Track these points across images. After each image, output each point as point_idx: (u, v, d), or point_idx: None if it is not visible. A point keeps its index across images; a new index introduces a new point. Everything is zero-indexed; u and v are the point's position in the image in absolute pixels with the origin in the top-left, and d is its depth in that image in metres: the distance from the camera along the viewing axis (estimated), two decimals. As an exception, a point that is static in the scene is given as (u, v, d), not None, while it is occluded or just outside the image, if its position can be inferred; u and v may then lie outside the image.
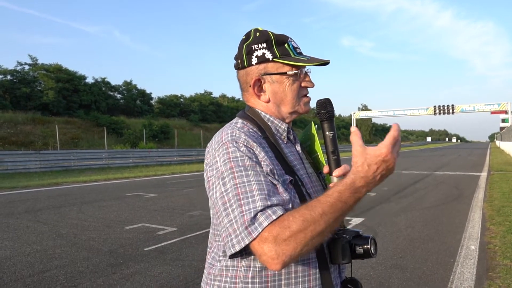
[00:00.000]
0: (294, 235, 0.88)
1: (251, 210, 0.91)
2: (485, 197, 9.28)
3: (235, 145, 1.01)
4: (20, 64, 34.76)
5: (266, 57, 1.11)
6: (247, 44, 1.13)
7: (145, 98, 46.25)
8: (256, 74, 1.13)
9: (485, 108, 54.79)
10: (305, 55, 1.14)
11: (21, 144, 25.81)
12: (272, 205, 0.92)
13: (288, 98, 1.13)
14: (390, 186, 11.73)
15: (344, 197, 0.92)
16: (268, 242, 0.89)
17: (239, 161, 0.98)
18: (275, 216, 0.90)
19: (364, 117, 73.36)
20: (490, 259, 4.58)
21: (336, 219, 0.92)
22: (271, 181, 0.97)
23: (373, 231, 6.03)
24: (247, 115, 1.16)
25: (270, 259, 0.89)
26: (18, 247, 5.30)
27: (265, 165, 1.00)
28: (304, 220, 0.89)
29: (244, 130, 1.07)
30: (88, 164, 20.92)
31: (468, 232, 5.94)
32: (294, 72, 1.11)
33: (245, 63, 1.14)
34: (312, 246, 0.92)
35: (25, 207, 8.48)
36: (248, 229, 0.90)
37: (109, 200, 9.53)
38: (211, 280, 1.08)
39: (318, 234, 0.90)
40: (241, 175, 0.96)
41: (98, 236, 5.88)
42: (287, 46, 1.11)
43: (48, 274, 4.21)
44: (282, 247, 0.88)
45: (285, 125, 1.16)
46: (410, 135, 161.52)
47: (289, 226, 0.89)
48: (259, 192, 0.93)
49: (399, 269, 4.32)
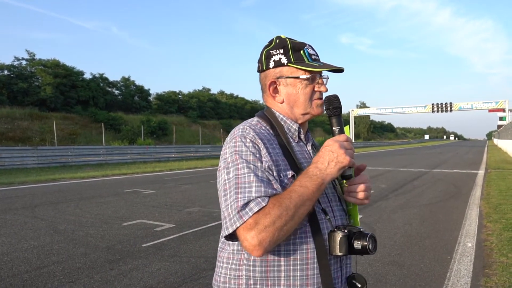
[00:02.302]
0: (273, 221, 0.99)
1: (245, 198, 1.03)
2: (482, 194, 9.32)
3: (243, 140, 1.13)
4: (18, 59, 34.68)
5: (282, 61, 1.22)
6: (267, 49, 1.25)
7: (143, 94, 46.15)
8: (272, 77, 1.24)
9: (483, 106, 54.91)
10: (321, 62, 1.24)
11: (18, 140, 25.75)
12: (265, 196, 1.03)
13: (301, 100, 1.23)
14: (388, 183, 11.76)
15: (303, 182, 1.06)
16: (252, 229, 0.99)
17: (244, 154, 1.10)
18: (264, 203, 1.01)
19: (363, 114, 73.39)
20: (487, 256, 4.60)
21: (302, 203, 1.04)
22: (267, 176, 1.08)
23: (370, 228, 6.05)
24: (264, 114, 1.27)
25: (252, 246, 1.00)
26: (15, 243, 5.29)
27: (265, 161, 1.10)
28: (279, 206, 1.01)
29: (256, 127, 1.18)
30: (86, 160, 20.87)
31: (465, 229, 5.96)
32: (306, 77, 1.20)
33: (264, 66, 1.25)
34: (287, 231, 1.03)
35: (22, 203, 8.47)
36: (240, 213, 1.01)
37: (107, 196, 9.52)
38: (221, 263, 1.18)
39: (291, 218, 1.02)
40: (243, 167, 1.08)
41: (95, 232, 5.87)
42: (302, 52, 1.22)
43: (45, 270, 4.20)
44: (263, 234, 0.99)
45: (297, 125, 1.26)
46: (408, 132, 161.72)
47: (269, 212, 1.01)
48: (256, 184, 1.04)
49: (396, 266, 4.33)
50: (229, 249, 1.16)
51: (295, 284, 1.10)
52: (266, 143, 1.14)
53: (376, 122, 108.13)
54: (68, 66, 37.32)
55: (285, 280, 1.10)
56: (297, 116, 1.25)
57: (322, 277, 1.12)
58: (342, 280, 1.19)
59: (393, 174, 14.83)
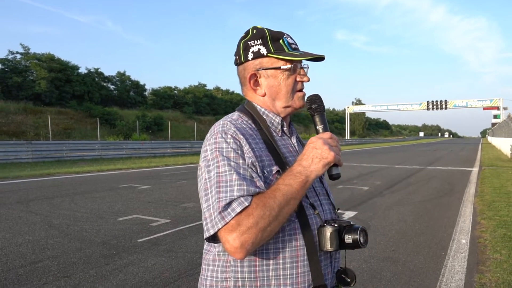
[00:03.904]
0: (256, 222, 0.96)
1: (227, 197, 0.98)
2: (476, 192, 9.38)
3: (223, 136, 1.08)
4: (12, 53, 34.34)
5: (261, 52, 1.16)
6: (245, 41, 1.19)
7: (138, 89, 45.92)
8: (252, 69, 1.18)
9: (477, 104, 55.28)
10: (301, 51, 1.19)
11: (12, 134, 25.55)
12: (248, 195, 0.99)
13: (283, 92, 1.18)
14: (383, 180, 11.81)
15: (287, 181, 1.02)
16: (234, 231, 0.96)
17: (224, 151, 1.06)
18: (247, 203, 0.98)
19: (358, 111, 73.61)
20: (481, 253, 4.64)
21: (286, 202, 1.00)
22: (250, 173, 1.04)
23: (365, 224, 6.07)
24: (244, 108, 1.22)
25: (233, 248, 0.96)
26: (10, 238, 5.26)
27: (248, 157, 1.07)
28: (262, 206, 0.98)
29: (238, 122, 1.14)
30: (80, 155, 20.76)
31: (459, 226, 6.00)
32: (288, 67, 1.16)
33: (242, 58, 1.19)
34: (271, 232, 1.00)
35: (17, 198, 8.42)
36: (222, 214, 0.97)
37: (102, 191, 9.49)
38: (207, 265, 1.14)
39: (274, 218, 0.99)
40: (224, 165, 1.04)
41: (91, 227, 5.85)
42: (281, 42, 1.16)
43: (40, 265, 4.19)
44: (245, 236, 0.95)
45: (279, 119, 1.21)
46: (403, 129, 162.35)
47: (252, 212, 0.97)
48: (237, 183, 1.00)
49: (391, 262, 4.36)
50: (214, 250, 1.12)
51: (285, 283, 1.07)
52: (249, 138, 1.10)
53: (372, 119, 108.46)
54: (63, 61, 37.02)
55: (275, 280, 1.07)
56: (278, 109, 1.21)
57: (312, 274, 1.08)
58: (331, 276, 1.17)
59: (388, 171, 14.89)
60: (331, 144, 1.08)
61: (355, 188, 10.15)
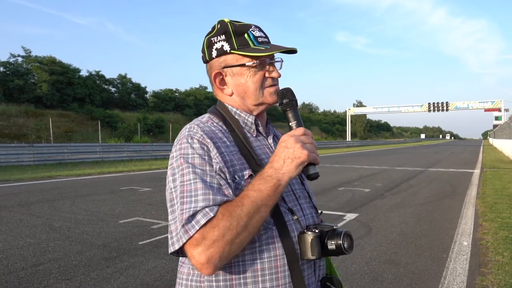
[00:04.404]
0: (222, 234, 0.89)
1: (191, 209, 0.91)
2: (478, 194, 9.35)
3: (189, 141, 1.01)
4: (13, 56, 34.45)
5: (224, 49, 1.08)
6: (208, 37, 1.11)
7: (139, 92, 46.01)
8: (217, 68, 1.11)
9: (479, 105, 55.22)
10: (271, 44, 1.10)
11: (14, 137, 25.60)
12: (214, 205, 0.92)
13: (251, 90, 1.09)
14: (384, 182, 11.80)
15: (256, 186, 0.94)
16: (199, 245, 0.89)
17: (190, 158, 0.99)
18: (213, 213, 0.91)
19: (359, 113, 73.55)
20: (483, 255, 4.62)
21: (256, 209, 0.92)
22: (218, 181, 0.97)
23: (366, 227, 6.06)
24: (216, 109, 1.15)
25: (199, 264, 0.89)
26: (11, 240, 5.26)
27: (215, 163, 0.99)
28: (229, 216, 0.90)
29: (206, 125, 1.07)
30: (82, 157, 20.78)
31: (461, 228, 5.98)
32: (253, 63, 1.07)
33: (207, 56, 1.12)
34: (241, 243, 0.92)
35: (18, 200, 8.42)
36: (185, 227, 0.90)
37: (103, 193, 9.49)
38: (180, 279, 1.07)
39: (243, 228, 0.91)
40: (189, 172, 0.97)
41: (92, 229, 5.85)
42: (246, 36, 1.07)
43: (41, 268, 4.19)
44: (211, 250, 0.88)
45: (253, 118, 1.13)
46: (404, 131, 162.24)
47: (217, 224, 0.90)
48: (203, 192, 0.93)
49: (392, 264, 4.34)
50: (189, 263, 1.03)
51: None
52: (218, 142, 1.03)
53: (373, 121, 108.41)
54: (64, 63, 37.12)
55: None
56: (250, 107, 1.12)
57: (294, 286, 1.00)
58: (316, 285, 1.08)
59: (389, 173, 14.87)
60: (305, 141, 0.98)
61: (356, 190, 10.13)
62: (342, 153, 33.18)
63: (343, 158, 25.06)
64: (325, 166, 18.10)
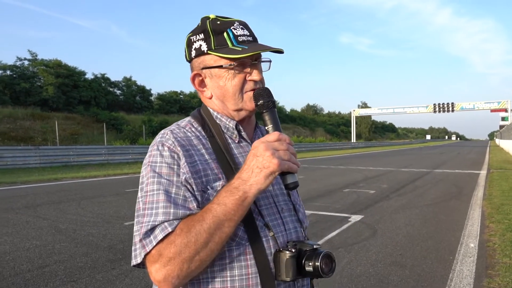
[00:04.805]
0: (179, 251, 0.84)
1: (150, 223, 0.87)
2: (484, 195, 9.29)
3: (159, 148, 0.96)
4: (20, 59, 34.76)
5: (202, 49, 1.01)
6: (189, 36, 1.04)
7: (144, 94, 46.22)
8: (197, 68, 1.04)
9: (485, 106, 54.87)
10: (255, 43, 1.01)
11: (20, 140, 25.79)
12: (174, 219, 0.87)
13: (229, 93, 1.01)
14: (390, 184, 11.74)
15: (221, 199, 0.87)
16: (156, 262, 0.85)
17: (157, 167, 0.94)
18: (171, 228, 0.86)
19: (364, 114, 73.37)
20: (490, 257, 4.58)
21: (218, 225, 0.85)
22: (183, 193, 0.91)
23: (372, 228, 6.04)
24: (198, 112, 1.08)
25: (157, 282, 0.86)
26: (17, 242, 5.30)
27: (182, 173, 0.93)
28: (187, 231, 0.85)
29: (181, 131, 1.01)
30: (87, 160, 20.89)
31: (468, 230, 5.94)
32: (230, 65, 0.98)
33: (187, 56, 1.06)
34: (201, 261, 0.86)
35: (24, 202, 8.48)
36: (143, 242, 0.87)
37: (108, 196, 9.53)
38: None
39: (203, 245, 0.84)
40: (153, 182, 0.92)
41: (97, 231, 5.88)
42: (226, 35, 0.99)
43: (47, 269, 4.21)
44: (168, 268, 0.84)
45: (233, 123, 1.04)
46: (409, 132, 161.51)
47: (174, 240, 0.85)
48: (164, 204, 0.88)
49: (398, 267, 4.32)
50: None
51: None
52: (190, 150, 0.96)
53: (378, 122, 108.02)
54: (70, 66, 37.41)
55: None
56: (231, 112, 1.03)
57: None
58: None
59: (395, 174, 14.81)
60: (277, 148, 0.88)
61: (361, 191, 10.10)
62: (347, 155, 33.09)
63: (348, 160, 24.98)
64: (330, 168, 18.06)
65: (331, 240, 5.40)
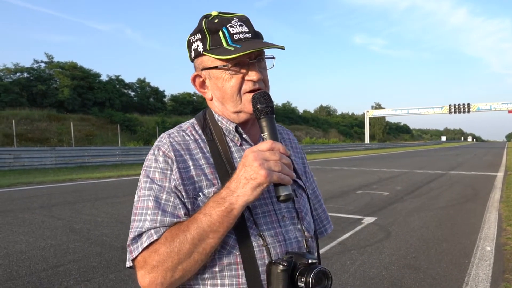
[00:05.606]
0: (162, 260, 0.84)
1: (137, 229, 0.89)
2: (501, 197, 9.10)
3: (155, 153, 0.96)
4: (37, 62, 35.51)
5: (199, 50, 0.97)
6: (189, 36, 1.01)
7: (158, 95, 46.66)
8: (197, 69, 1.02)
9: (502, 107, 53.82)
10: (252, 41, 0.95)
11: (37, 141, 26.29)
12: (161, 226, 0.87)
13: (228, 95, 0.97)
14: (404, 185, 11.60)
15: (207, 209, 0.85)
16: (142, 268, 0.87)
17: (151, 172, 0.94)
18: (156, 236, 0.86)
19: (378, 115, 72.69)
20: (507, 261, 4.48)
21: (202, 236, 0.83)
22: (173, 200, 0.90)
23: (385, 231, 5.97)
24: (201, 115, 1.07)
25: (142, 287, 0.88)
26: (33, 242, 5.39)
27: (172, 179, 0.91)
28: (171, 241, 0.84)
29: (179, 135, 0.99)
30: (102, 160, 21.15)
31: (484, 233, 5.82)
32: (224, 66, 0.94)
33: (189, 57, 1.04)
34: (185, 271, 0.85)
35: (40, 202, 8.63)
36: (130, 248, 0.89)
37: (122, 196, 9.63)
38: None
39: (186, 256, 0.83)
40: (145, 188, 0.93)
41: (111, 232, 5.94)
42: (221, 34, 0.94)
43: (62, 269, 4.27)
44: (152, 275, 0.85)
45: (233, 126, 1.00)
46: (424, 134, 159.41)
47: (158, 249, 0.85)
48: (152, 211, 0.89)
49: (412, 269, 4.26)
50: None
51: None
52: (185, 155, 0.94)
53: (392, 123, 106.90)
54: (85, 69, 38.01)
55: None
56: (231, 115, 1.00)
57: None
58: None
59: (409, 176, 14.62)
60: (268, 158, 0.83)
61: (375, 193, 9.99)
62: (360, 156, 32.80)
63: (361, 161, 24.76)
64: (343, 169, 17.93)
65: (344, 242, 5.36)
